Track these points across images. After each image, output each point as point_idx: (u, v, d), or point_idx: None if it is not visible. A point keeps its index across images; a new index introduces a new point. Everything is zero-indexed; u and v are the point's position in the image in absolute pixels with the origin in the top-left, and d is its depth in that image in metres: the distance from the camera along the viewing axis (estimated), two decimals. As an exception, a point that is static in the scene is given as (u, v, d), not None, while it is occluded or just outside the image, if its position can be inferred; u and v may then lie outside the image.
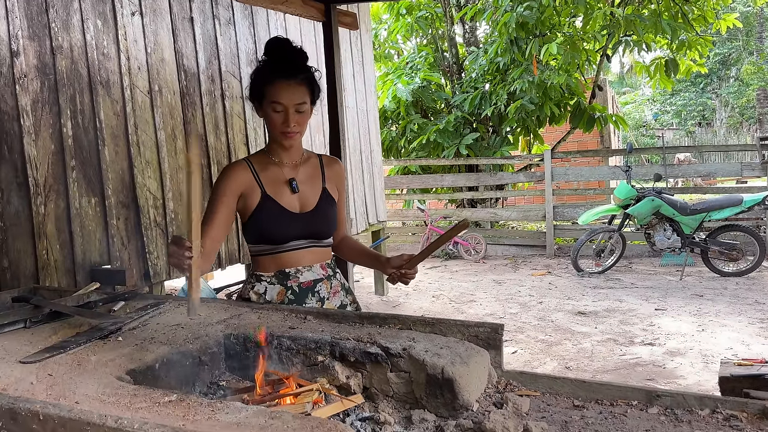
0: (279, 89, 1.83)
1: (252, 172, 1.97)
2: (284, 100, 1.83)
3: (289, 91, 1.83)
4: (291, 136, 1.90)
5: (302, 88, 1.86)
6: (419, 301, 6.56)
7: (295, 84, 1.84)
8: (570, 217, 8.98)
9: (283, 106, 1.84)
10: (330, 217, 2.04)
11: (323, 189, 2.03)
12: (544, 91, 8.84)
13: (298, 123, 1.88)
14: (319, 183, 2.03)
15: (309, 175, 2.02)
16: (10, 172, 3.06)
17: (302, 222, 1.97)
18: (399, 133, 10.38)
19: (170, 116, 4.01)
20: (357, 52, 6.42)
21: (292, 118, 1.86)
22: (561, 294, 6.54)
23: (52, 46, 3.27)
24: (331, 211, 2.04)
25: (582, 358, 4.41)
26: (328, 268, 2.08)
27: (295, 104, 1.85)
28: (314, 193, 2.01)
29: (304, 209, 1.98)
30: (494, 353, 1.57)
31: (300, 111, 1.87)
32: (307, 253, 2.01)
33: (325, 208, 2.02)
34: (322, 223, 2.01)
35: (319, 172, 2.05)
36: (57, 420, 1.13)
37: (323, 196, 2.02)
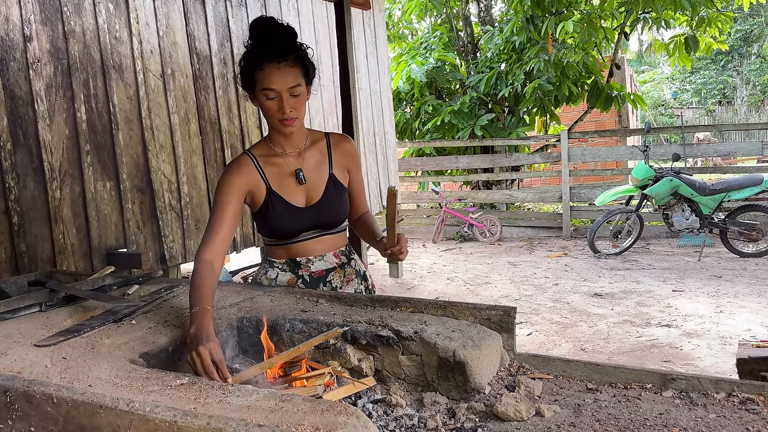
0: (269, 74, 1.69)
1: (256, 166, 1.86)
2: (276, 85, 1.69)
3: (280, 74, 1.68)
4: (289, 122, 1.76)
5: (294, 70, 1.70)
6: (434, 283, 6.55)
7: (286, 66, 1.69)
8: (587, 198, 8.89)
9: (275, 92, 1.70)
10: (338, 206, 1.93)
11: (330, 176, 1.91)
12: (561, 71, 8.71)
13: (294, 108, 1.74)
14: (325, 169, 1.91)
15: (315, 162, 1.90)
16: (25, 157, 3.08)
17: (309, 215, 1.89)
18: (413, 114, 10.31)
19: (183, 100, 4.01)
20: (370, 33, 6.36)
21: (287, 103, 1.72)
22: (577, 276, 6.49)
23: (64, 30, 3.28)
24: (339, 199, 1.93)
25: (597, 340, 4.39)
26: (342, 256, 2.02)
27: (288, 88, 1.70)
28: (321, 181, 1.90)
29: (311, 201, 1.89)
30: (506, 336, 1.56)
31: (294, 95, 1.72)
32: (317, 243, 1.95)
33: (333, 196, 1.91)
34: (330, 213, 1.92)
35: (326, 156, 1.93)
36: (71, 403, 1.14)
37: (330, 184, 1.91)
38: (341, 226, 2.01)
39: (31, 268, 3.05)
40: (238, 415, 1.06)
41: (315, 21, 5.38)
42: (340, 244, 2.03)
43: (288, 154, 1.90)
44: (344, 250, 2.05)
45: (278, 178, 1.88)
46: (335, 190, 1.92)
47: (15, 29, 3.04)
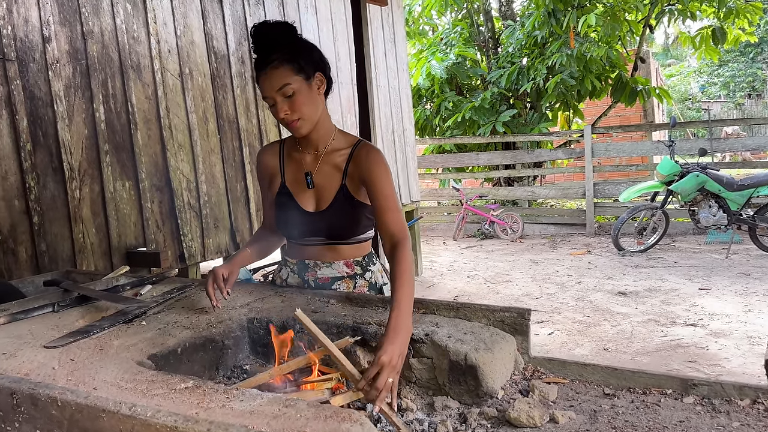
0: (261, 83, 1.66)
1: (280, 157, 1.88)
2: (266, 91, 1.66)
3: (266, 80, 1.64)
4: (293, 125, 1.69)
5: (279, 71, 1.63)
6: (454, 281, 6.50)
7: (270, 70, 1.63)
8: (611, 194, 8.74)
9: (270, 98, 1.66)
10: (347, 219, 1.81)
11: (341, 186, 1.79)
12: (584, 65, 8.57)
13: (291, 109, 1.66)
14: (338, 178, 1.79)
15: (330, 169, 1.81)
16: (45, 157, 3.11)
17: (316, 222, 1.82)
18: (433, 111, 10.24)
19: (201, 99, 4.02)
20: (388, 29, 6.32)
21: (281, 107, 1.65)
22: (600, 274, 6.39)
23: (82, 31, 3.30)
24: (349, 212, 1.80)
25: (621, 340, 4.30)
26: (356, 266, 1.90)
27: (276, 90, 1.64)
28: (331, 189, 1.80)
29: (319, 207, 1.81)
30: (521, 339, 1.52)
31: (287, 95, 1.64)
32: (326, 250, 1.88)
33: (341, 208, 1.79)
34: (336, 225, 1.81)
35: (344, 165, 1.79)
36: (74, 406, 1.13)
37: (340, 195, 1.78)
38: (362, 237, 1.89)
39: (51, 268, 3.08)
40: (240, 420, 1.03)
41: (333, 19, 5.36)
42: (355, 253, 1.91)
43: (306, 153, 1.84)
44: (361, 260, 1.92)
45: (293, 175, 1.85)
46: (345, 202, 1.79)
47: (34, 30, 3.06)
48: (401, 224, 1.71)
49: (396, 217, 1.71)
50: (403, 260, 1.58)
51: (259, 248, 1.97)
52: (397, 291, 1.48)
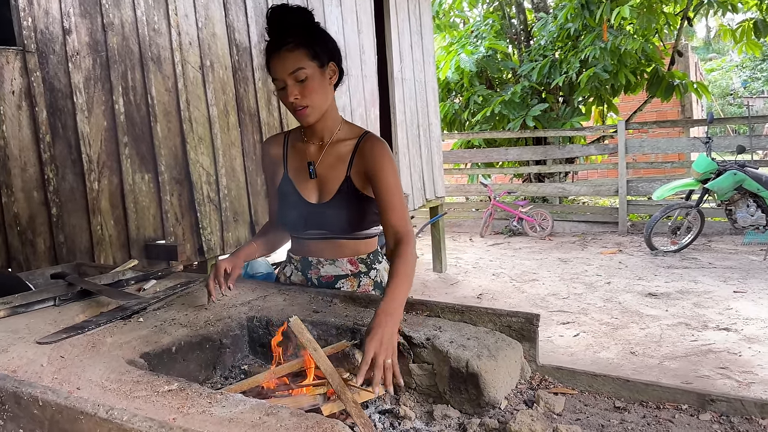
0: (272, 64, 1.63)
1: (284, 148, 1.85)
2: (277, 73, 1.62)
3: (279, 61, 1.60)
4: (300, 112, 1.65)
5: (294, 54, 1.60)
6: (478, 279, 6.39)
7: (285, 52, 1.60)
8: (645, 191, 8.50)
9: (280, 80, 1.62)
10: (350, 212, 1.75)
11: (346, 177, 1.74)
12: (618, 58, 8.34)
13: (301, 95, 1.62)
14: (343, 169, 1.74)
15: (334, 160, 1.76)
16: (64, 149, 3.12)
17: (316, 213, 1.76)
18: (462, 105, 10.10)
19: (222, 92, 4.00)
20: (415, 21, 6.22)
21: (291, 90, 1.61)
22: (631, 274, 6.21)
23: (103, 22, 3.30)
24: (353, 205, 1.74)
25: (649, 343, 4.16)
26: (360, 264, 1.84)
27: (289, 73, 1.60)
28: (335, 180, 1.75)
29: (323, 199, 1.76)
30: (528, 346, 1.43)
31: (299, 80, 1.61)
32: (327, 244, 1.82)
33: (345, 200, 1.74)
34: (338, 217, 1.75)
35: (349, 156, 1.74)
36: (55, 406, 1.10)
37: (344, 186, 1.73)
38: (368, 232, 1.83)
39: (69, 259, 3.10)
40: (216, 429, 0.98)
41: (357, 10, 5.29)
42: (359, 250, 1.84)
43: (311, 144, 1.81)
44: (365, 258, 1.86)
45: (296, 165, 1.82)
46: (349, 195, 1.74)
47: (54, 22, 3.07)
48: (405, 221, 1.66)
49: (400, 214, 1.66)
50: (404, 259, 1.55)
51: (266, 242, 1.94)
52: (391, 284, 1.46)
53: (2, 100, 2.86)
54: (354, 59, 5.28)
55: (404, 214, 1.67)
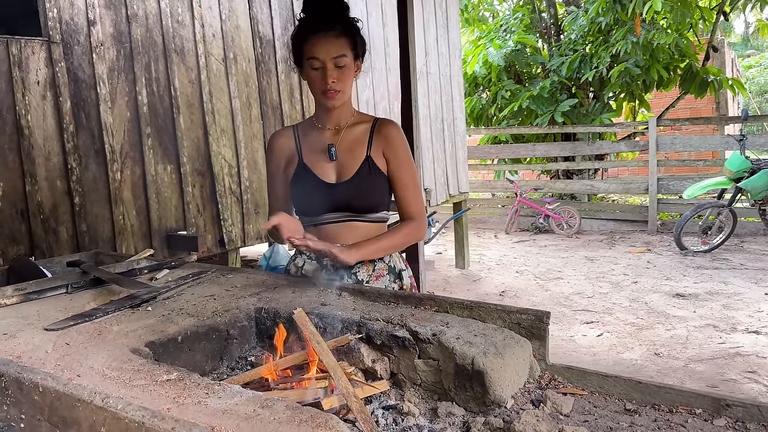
0: (315, 44, 1.68)
1: (295, 138, 1.88)
2: (320, 54, 1.68)
3: (325, 44, 1.68)
4: (331, 95, 1.72)
5: (340, 41, 1.69)
6: (501, 276, 6.32)
7: (332, 36, 1.68)
8: (676, 190, 8.30)
9: (320, 61, 1.69)
10: (371, 189, 1.81)
11: (366, 157, 1.81)
12: (650, 53, 8.15)
13: (338, 79, 1.71)
14: (363, 150, 1.81)
15: (353, 142, 1.82)
16: (87, 139, 3.16)
17: (336, 193, 1.80)
18: (489, 100, 9.99)
19: (245, 84, 4.01)
20: (441, 15, 6.16)
21: (331, 73, 1.69)
22: (659, 273, 6.07)
23: (127, 14, 3.32)
24: (372, 182, 1.81)
25: (675, 345, 4.06)
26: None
27: (332, 57, 1.68)
28: (355, 160, 1.80)
29: (342, 178, 1.81)
30: (538, 344, 1.39)
31: (339, 65, 1.70)
32: (345, 229, 1.83)
33: (365, 178, 1.79)
34: (360, 195, 1.80)
35: (367, 138, 1.83)
36: (54, 393, 1.10)
37: (365, 165, 1.80)
38: (375, 215, 1.86)
39: (91, 248, 3.13)
40: (209, 420, 0.97)
41: (383, 3, 5.26)
42: (373, 233, 1.87)
43: (327, 129, 1.86)
44: None
45: (312, 151, 1.85)
46: (370, 173, 1.81)
47: (79, 13, 3.10)
48: (420, 202, 1.84)
49: (417, 195, 1.83)
50: (407, 227, 1.83)
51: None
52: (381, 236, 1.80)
53: (27, 90, 2.90)
54: (378, 52, 5.25)
55: (419, 195, 1.83)
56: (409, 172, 1.83)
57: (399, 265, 1.94)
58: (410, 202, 1.82)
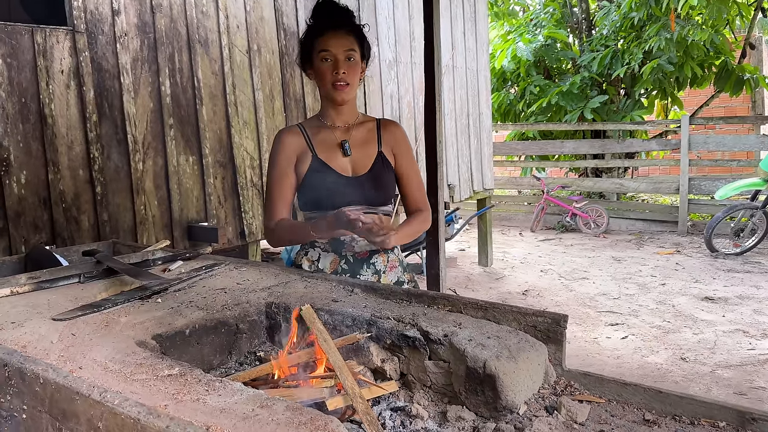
0: (327, 38, 1.79)
1: (304, 135, 1.92)
2: (332, 47, 1.78)
3: (337, 38, 1.79)
4: (341, 87, 1.81)
5: (350, 38, 1.81)
6: (525, 274, 6.23)
7: (343, 33, 1.80)
8: (708, 190, 8.09)
9: (331, 53, 1.78)
10: (385, 182, 1.90)
11: (378, 152, 1.92)
12: (684, 50, 7.93)
13: (347, 72, 1.80)
14: (374, 146, 1.92)
15: (363, 138, 1.92)
16: (110, 128, 3.17)
17: (355, 186, 1.87)
18: (518, 95, 9.85)
19: (268, 76, 3.99)
20: (469, 8, 6.07)
21: (342, 65, 1.79)
22: (688, 276, 5.92)
23: (151, 4, 3.32)
24: (386, 176, 1.91)
25: (702, 350, 3.94)
26: None
27: (344, 51, 1.79)
28: (368, 156, 1.90)
29: (357, 172, 1.89)
30: (554, 348, 1.34)
31: (350, 59, 1.80)
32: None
33: (380, 171, 1.90)
34: (376, 187, 1.88)
35: (375, 135, 1.94)
36: (54, 385, 1.08)
37: (378, 160, 1.91)
38: (386, 208, 1.94)
39: (112, 237, 3.15)
40: (206, 419, 0.94)
41: (410, -4, 5.20)
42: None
43: (337, 127, 1.93)
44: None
45: (325, 147, 1.90)
46: (383, 167, 1.91)
47: (104, 3, 3.11)
48: (426, 196, 2.00)
49: (422, 189, 1.99)
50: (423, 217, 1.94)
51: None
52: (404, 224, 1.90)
53: (51, 79, 2.92)
54: (404, 46, 5.19)
55: (424, 189, 2.00)
56: (415, 168, 1.98)
57: (404, 260, 2.09)
58: (417, 195, 1.97)
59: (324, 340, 1.27)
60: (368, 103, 4.78)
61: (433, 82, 3.56)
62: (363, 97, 4.71)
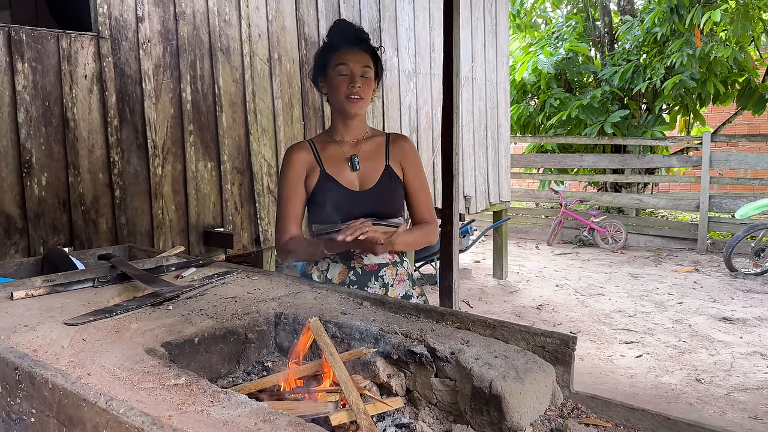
0: (344, 53, 1.85)
1: (313, 151, 1.96)
2: (350, 61, 1.84)
3: (354, 54, 1.85)
4: (355, 100, 1.85)
5: (366, 56, 1.88)
6: (540, 288, 6.18)
7: (360, 50, 1.87)
8: (729, 209, 7.98)
9: (348, 68, 1.84)
10: (393, 196, 1.94)
11: (386, 166, 1.95)
12: (707, 66, 7.85)
13: (362, 87, 1.86)
14: (381, 160, 1.96)
15: (371, 152, 1.96)
16: (130, 133, 3.21)
17: (362, 200, 1.90)
18: (537, 108, 9.81)
19: (288, 85, 4.02)
20: (490, 21, 6.07)
21: (358, 79, 1.84)
22: (706, 295, 5.83)
23: (175, 12, 3.37)
24: (393, 189, 1.94)
25: (718, 371, 3.87)
26: (395, 254, 1.99)
27: (360, 66, 1.85)
28: (376, 170, 1.94)
29: (364, 186, 1.92)
30: (562, 369, 1.33)
31: (365, 76, 1.86)
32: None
33: (387, 185, 1.93)
34: (384, 201, 1.92)
35: (383, 149, 1.98)
36: (62, 391, 1.10)
37: (386, 173, 1.94)
38: (397, 221, 1.96)
39: (130, 241, 3.19)
40: (208, 431, 0.95)
41: (430, 7, 5.21)
42: None
43: (345, 142, 1.97)
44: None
45: (333, 162, 1.93)
46: (390, 180, 1.94)
47: (129, 10, 3.16)
48: (433, 210, 2.01)
49: (430, 202, 2.00)
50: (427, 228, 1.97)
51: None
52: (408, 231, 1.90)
53: (75, 83, 2.97)
54: (423, 56, 5.21)
55: (431, 202, 2.02)
56: (423, 181, 2.00)
57: (414, 273, 2.22)
58: (424, 208, 1.99)
59: (330, 353, 1.27)
60: (386, 113, 4.80)
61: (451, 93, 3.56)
62: (381, 107, 4.73)
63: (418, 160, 2.02)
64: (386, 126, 4.79)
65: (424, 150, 5.25)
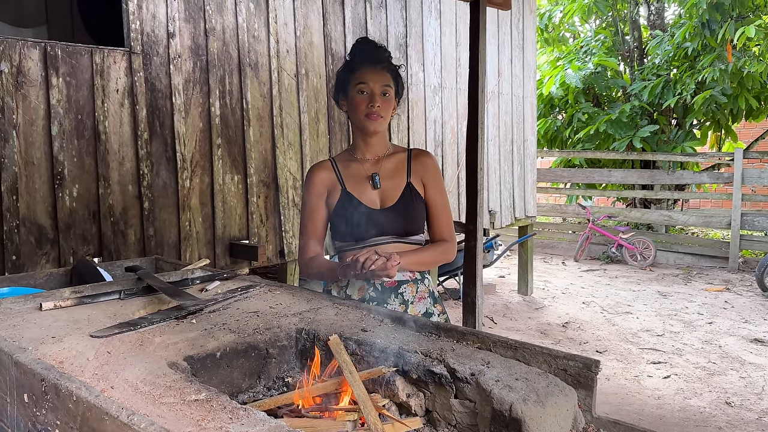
0: (365, 72, 1.87)
1: (334, 170, 1.98)
2: (370, 80, 1.86)
3: (375, 74, 1.87)
4: (375, 117, 1.86)
5: (387, 75, 1.89)
6: (566, 305, 6.10)
7: (381, 69, 1.88)
8: (762, 227, 7.81)
9: (368, 86, 1.85)
10: (414, 213, 1.93)
11: (407, 183, 1.95)
12: (739, 81, 7.72)
13: (382, 105, 1.87)
14: (403, 177, 1.95)
15: (393, 170, 1.96)
16: (160, 146, 3.27)
17: (383, 218, 1.90)
18: (565, 122, 9.74)
19: (315, 100, 4.06)
20: (517, 35, 6.06)
21: (377, 98, 1.85)
22: (737, 315, 5.69)
23: (205, 28, 3.44)
24: (414, 207, 1.93)
25: (749, 394, 3.77)
26: (416, 272, 1.97)
27: (381, 85, 1.86)
28: (397, 187, 1.94)
29: (385, 204, 1.92)
30: (584, 394, 1.30)
31: (385, 95, 1.87)
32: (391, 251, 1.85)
33: (408, 203, 1.92)
34: (404, 218, 1.91)
35: (405, 165, 1.98)
36: (85, 404, 1.12)
37: (407, 191, 1.93)
38: (418, 238, 1.96)
39: (157, 252, 3.24)
40: (226, 449, 0.95)
41: (457, 22, 5.22)
42: None
43: (367, 160, 1.98)
44: None
45: (354, 180, 1.95)
46: (411, 198, 1.94)
47: (160, 26, 3.23)
48: (452, 228, 2.00)
49: (449, 220, 1.99)
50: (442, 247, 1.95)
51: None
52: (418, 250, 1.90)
53: (107, 97, 3.04)
54: (449, 71, 5.22)
55: (451, 220, 2.00)
56: (443, 199, 1.99)
57: (436, 291, 2.08)
58: (445, 227, 1.98)
59: (349, 372, 1.27)
60: (412, 127, 4.81)
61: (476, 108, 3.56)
62: (407, 121, 4.74)
63: (440, 177, 2.02)
64: (411, 140, 4.80)
65: (449, 164, 5.25)
